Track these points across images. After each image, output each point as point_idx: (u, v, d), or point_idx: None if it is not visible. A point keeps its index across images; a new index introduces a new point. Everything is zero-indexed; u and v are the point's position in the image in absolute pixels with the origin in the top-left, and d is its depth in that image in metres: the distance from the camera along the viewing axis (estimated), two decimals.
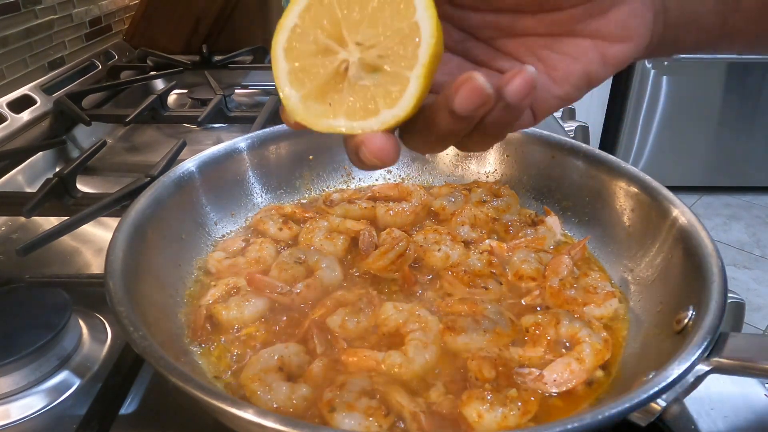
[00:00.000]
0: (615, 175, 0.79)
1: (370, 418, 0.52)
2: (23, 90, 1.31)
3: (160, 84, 1.61)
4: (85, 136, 1.32)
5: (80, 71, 1.52)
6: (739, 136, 3.45)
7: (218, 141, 1.10)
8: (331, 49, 0.39)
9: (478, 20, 0.42)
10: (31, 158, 1.16)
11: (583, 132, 1.43)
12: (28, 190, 1.10)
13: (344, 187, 0.96)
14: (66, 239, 0.87)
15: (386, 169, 0.98)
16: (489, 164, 0.95)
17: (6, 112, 1.22)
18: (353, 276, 0.76)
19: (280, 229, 0.82)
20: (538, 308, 0.70)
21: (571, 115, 1.54)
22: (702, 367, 0.48)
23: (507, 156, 0.93)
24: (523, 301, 0.71)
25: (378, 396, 0.55)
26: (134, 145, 1.34)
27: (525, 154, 0.91)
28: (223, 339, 0.65)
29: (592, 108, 3.44)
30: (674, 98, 3.32)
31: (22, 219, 0.91)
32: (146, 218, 0.68)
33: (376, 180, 0.97)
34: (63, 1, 1.49)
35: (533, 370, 0.59)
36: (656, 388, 0.45)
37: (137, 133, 1.38)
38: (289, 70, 0.40)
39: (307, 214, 0.86)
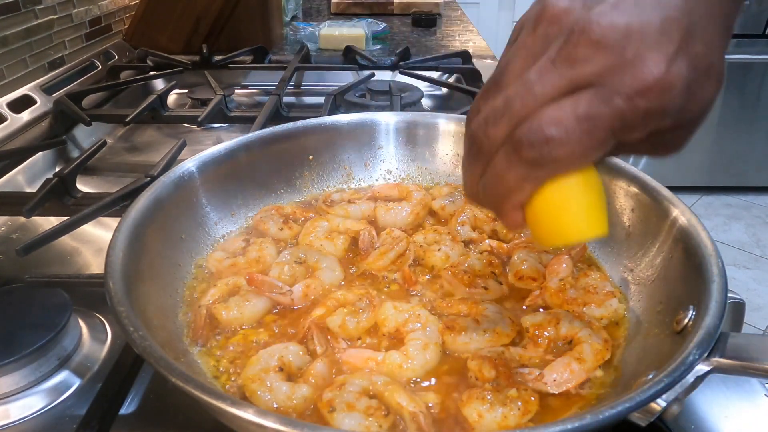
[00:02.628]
0: (615, 175, 0.78)
1: (370, 418, 0.52)
2: (23, 90, 1.31)
3: (160, 84, 1.61)
4: (85, 136, 1.32)
5: (80, 71, 1.52)
6: (739, 136, 3.46)
7: (218, 141, 1.10)
8: None
9: None
10: (31, 158, 1.15)
11: None
12: (28, 190, 1.10)
13: (344, 187, 0.96)
14: (66, 239, 0.87)
15: (386, 169, 0.98)
16: None
17: (6, 112, 1.22)
18: (353, 276, 0.76)
19: (281, 229, 0.82)
20: (539, 309, 0.70)
21: None
22: (702, 367, 0.48)
23: None
24: (524, 306, 0.71)
25: (378, 396, 0.55)
26: (134, 145, 1.34)
27: None
28: (223, 339, 0.65)
29: None
30: None
31: (22, 219, 0.91)
32: (146, 218, 0.68)
33: (376, 180, 0.97)
34: (63, 1, 1.49)
35: (533, 370, 0.59)
36: (656, 388, 0.45)
37: (137, 133, 1.38)
38: None
39: (307, 214, 0.86)
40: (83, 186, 1.00)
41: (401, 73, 1.58)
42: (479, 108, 0.44)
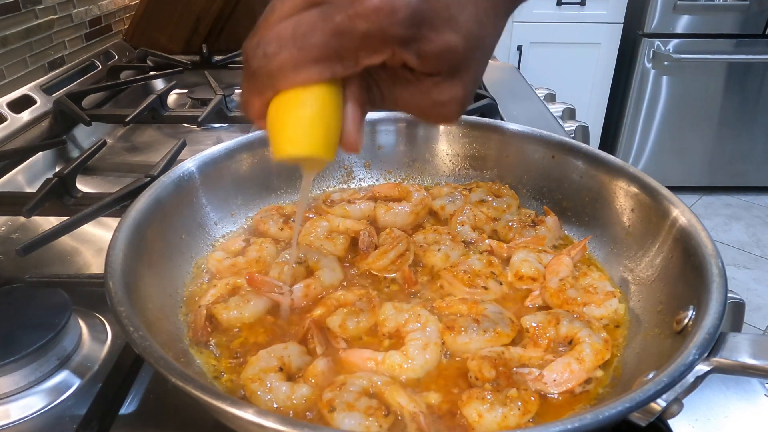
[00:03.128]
0: (615, 175, 0.79)
1: (370, 418, 0.52)
2: (23, 90, 1.31)
3: (160, 84, 1.61)
4: (85, 136, 1.32)
5: (80, 71, 1.52)
6: (739, 136, 3.46)
7: (218, 141, 1.10)
8: None
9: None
10: (31, 158, 1.16)
11: (583, 132, 1.43)
12: (28, 190, 1.10)
13: (344, 187, 0.96)
14: (66, 239, 0.87)
15: (386, 169, 0.98)
16: (489, 164, 0.95)
17: (6, 112, 1.22)
18: (353, 276, 0.76)
19: (281, 229, 0.82)
20: (539, 309, 0.70)
21: (571, 115, 1.54)
22: (702, 367, 0.48)
23: (507, 156, 0.93)
24: (524, 306, 0.71)
25: (378, 396, 0.55)
26: (134, 145, 1.34)
27: (525, 154, 0.91)
28: (223, 339, 0.65)
29: (592, 108, 3.44)
30: (674, 98, 3.32)
31: (22, 219, 0.91)
32: (146, 218, 0.68)
33: (376, 180, 0.97)
34: (63, 1, 1.49)
35: (533, 370, 0.59)
36: (656, 388, 0.45)
37: (137, 133, 1.38)
38: None
39: (307, 214, 0.86)
40: (83, 186, 1.00)
41: None
42: None
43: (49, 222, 0.90)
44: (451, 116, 0.48)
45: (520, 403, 0.54)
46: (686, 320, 0.56)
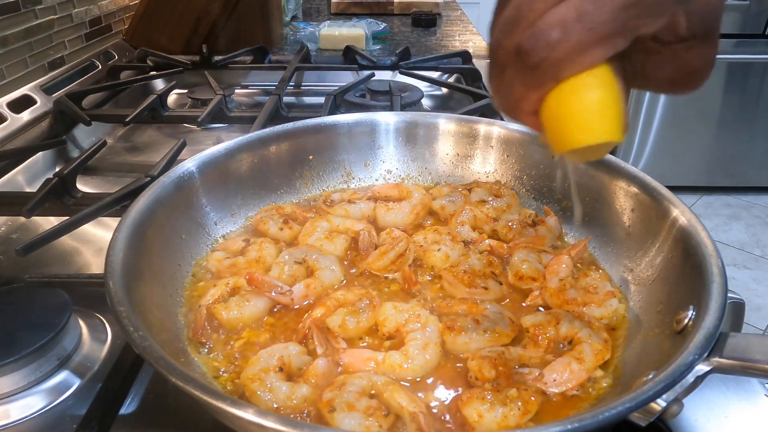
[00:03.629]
0: (615, 175, 0.79)
1: (370, 418, 0.52)
2: (23, 90, 1.31)
3: (160, 84, 1.61)
4: (85, 136, 1.32)
5: (80, 71, 1.52)
6: (739, 136, 3.46)
7: (218, 141, 1.10)
8: None
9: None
10: (31, 158, 1.16)
11: None
12: (28, 190, 1.10)
13: (344, 187, 0.96)
14: (66, 239, 0.87)
15: (386, 169, 0.98)
16: (489, 164, 0.95)
17: (6, 112, 1.22)
18: (353, 276, 0.76)
19: (281, 229, 0.82)
20: (539, 309, 0.70)
21: None
22: (702, 367, 0.48)
23: (507, 156, 0.93)
24: (524, 303, 0.71)
25: (378, 396, 0.55)
26: (134, 145, 1.34)
27: (525, 154, 0.91)
28: (223, 339, 0.65)
29: None
30: (674, 98, 3.32)
31: (22, 219, 0.91)
32: (146, 218, 0.68)
33: (376, 180, 0.97)
34: (63, 1, 1.49)
35: (533, 370, 0.59)
36: (656, 388, 0.45)
37: (137, 133, 1.38)
38: None
39: (307, 214, 0.86)
40: (83, 186, 1.00)
41: (401, 73, 1.58)
42: (496, 20, 0.43)
43: (49, 222, 0.90)
44: (701, 81, 0.45)
45: (520, 403, 0.54)
46: (686, 320, 0.56)
